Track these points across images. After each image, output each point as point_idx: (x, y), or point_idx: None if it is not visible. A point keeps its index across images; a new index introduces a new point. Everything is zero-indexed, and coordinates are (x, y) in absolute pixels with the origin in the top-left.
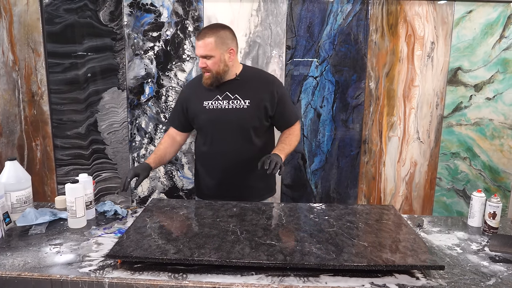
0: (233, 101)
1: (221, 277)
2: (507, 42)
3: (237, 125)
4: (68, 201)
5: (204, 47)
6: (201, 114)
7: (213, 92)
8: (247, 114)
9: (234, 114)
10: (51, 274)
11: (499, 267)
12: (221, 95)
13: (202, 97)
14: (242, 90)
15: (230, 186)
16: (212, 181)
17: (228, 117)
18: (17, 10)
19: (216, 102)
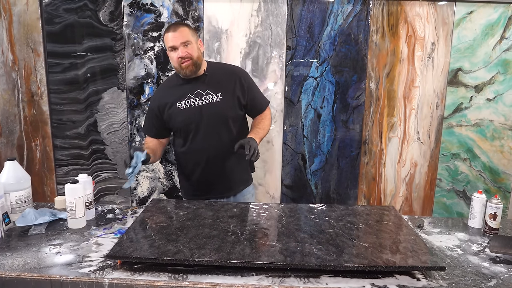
0: (205, 96)
1: (221, 278)
2: (507, 43)
3: (214, 119)
4: (67, 201)
5: (182, 34)
6: (176, 116)
7: (184, 92)
8: (222, 107)
9: (209, 108)
10: (50, 274)
11: (500, 268)
12: (192, 93)
13: (173, 99)
14: (212, 85)
15: (216, 180)
16: (198, 178)
17: (203, 113)
18: (16, 10)
19: (189, 101)
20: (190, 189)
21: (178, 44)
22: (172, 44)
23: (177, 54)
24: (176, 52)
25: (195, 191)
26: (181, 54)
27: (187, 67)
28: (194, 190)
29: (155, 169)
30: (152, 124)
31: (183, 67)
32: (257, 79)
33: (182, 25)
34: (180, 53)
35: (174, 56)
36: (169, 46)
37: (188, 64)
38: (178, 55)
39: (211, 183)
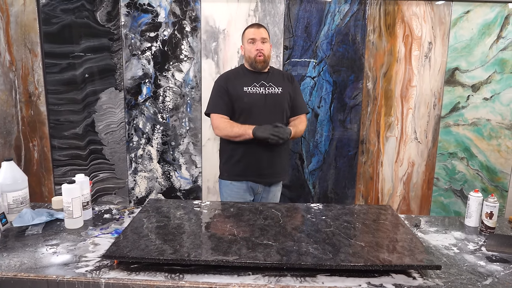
0: (268, 88)
1: (218, 277)
2: (504, 43)
3: (274, 107)
4: (64, 201)
5: (263, 32)
6: (243, 97)
7: (249, 80)
8: (282, 98)
9: (272, 98)
10: (47, 274)
11: (495, 267)
12: (258, 82)
13: (240, 84)
14: (274, 80)
15: (261, 163)
16: (247, 157)
17: (266, 100)
18: (14, 10)
19: (254, 88)
20: (236, 167)
21: (258, 38)
22: (253, 37)
23: (256, 46)
24: (255, 44)
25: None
26: (259, 47)
27: (259, 62)
28: (241, 168)
29: (153, 169)
30: (223, 102)
31: (257, 59)
32: None
33: (263, 26)
34: (259, 46)
35: (253, 47)
36: (250, 38)
37: (261, 58)
38: (257, 47)
39: (258, 163)
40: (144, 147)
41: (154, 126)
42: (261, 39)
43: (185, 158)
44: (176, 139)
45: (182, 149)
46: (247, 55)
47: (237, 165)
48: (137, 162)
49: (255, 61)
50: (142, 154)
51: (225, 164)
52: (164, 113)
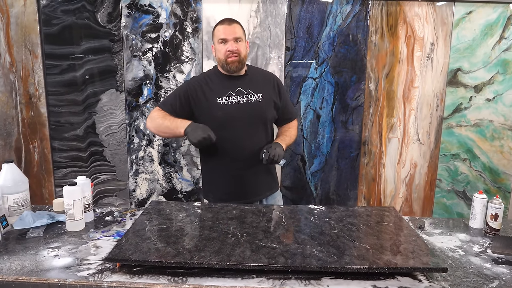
0: (246, 95)
1: (221, 281)
2: (507, 43)
3: (254, 118)
4: (66, 203)
5: (235, 30)
6: (216, 110)
7: (224, 88)
8: (262, 107)
9: (250, 107)
10: (49, 278)
11: (502, 269)
12: (234, 90)
13: (213, 93)
14: (252, 85)
15: (246, 182)
16: (228, 179)
17: (244, 111)
18: (14, 11)
19: (230, 97)
20: (218, 191)
21: (230, 38)
22: (224, 37)
23: (227, 47)
24: (226, 45)
25: (224, 191)
26: (231, 48)
27: (232, 62)
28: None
29: (154, 171)
30: (178, 104)
31: (229, 61)
32: None
33: (236, 22)
34: (230, 47)
35: (223, 48)
36: (220, 38)
37: (235, 60)
38: (228, 48)
39: (242, 183)
40: (145, 148)
41: None
42: (233, 38)
43: (186, 160)
44: (177, 141)
45: (183, 151)
46: (218, 56)
47: (220, 189)
48: (138, 164)
49: (226, 63)
50: (143, 156)
51: (208, 184)
52: None
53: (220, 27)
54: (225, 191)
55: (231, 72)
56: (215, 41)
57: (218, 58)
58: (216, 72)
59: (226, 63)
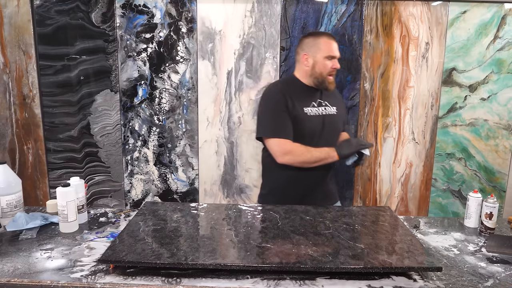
0: (325, 107)
1: (215, 281)
2: (501, 43)
3: (332, 130)
4: (59, 205)
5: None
6: (304, 121)
7: (308, 99)
8: (337, 119)
9: (329, 119)
10: (41, 280)
11: (496, 268)
12: (315, 101)
13: (299, 103)
14: (328, 98)
15: (316, 191)
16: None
17: (325, 122)
18: (7, 12)
19: (313, 108)
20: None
21: (337, 56)
22: (334, 54)
23: (333, 64)
24: (332, 62)
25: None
26: (336, 66)
27: (332, 81)
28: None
29: (149, 172)
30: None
31: (329, 79)
32: (251, 80)
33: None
34: (336, 65)
35: (329, 64)
36: (330, 54)
37: (333, 79)
38: (334, 65)
39: (313, 192)
40: (140, 149)
41: (150, 128)
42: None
43: (181, 160)
44: (173, 141)
45: (178, 151)
46: (319, 70)
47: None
48: (133, 165)
49: (327, 80)
50: (138, 157)
51: (269, 194)
52: (160, 115)
53: (328, 41)
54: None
55: (323, 88)
56: (318, 54)
57: (318, 72)
58: (296, 82)
59: (327, 80)
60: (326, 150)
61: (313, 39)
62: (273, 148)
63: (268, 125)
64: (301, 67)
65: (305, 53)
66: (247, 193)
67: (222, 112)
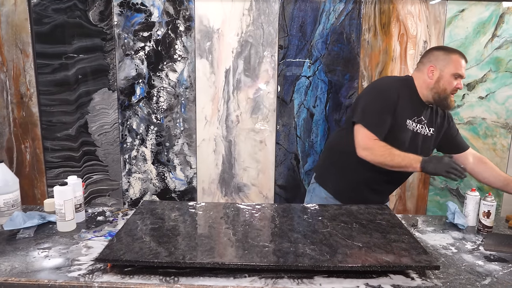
0: (423, 126)
1: (213, 280)
2: (499, 41)
3: (421, 149)
4: (57, 204)
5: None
6: (404, 131)
7: (412, 111)
8: (430, 142)
9: (424, 140)
10: (39, 279)
11: (494, 266)
12: (418, 117)
13: (405, 112)
14: (430, 118)
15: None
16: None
17: (419, 141)
18: (4, 10)
19: (413, 123)
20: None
21: (464, 77)
22: (463, 73)
23: (457, 83)
24: (457, 81)
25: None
26: (461, 87)
27: (452, 101)
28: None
29: (147, 171)
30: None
31: (452, 98)
32: (249, 78)
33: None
34: (461, 85)
35: (454, 83)
36: (458, 72)
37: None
38: (458, 85)
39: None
40: (138, 148)
41: (148, 127)
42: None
43: (179, 159)
44: (171, 140)
45: (176, 150)
46: (443, 86)
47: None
48: (131, 164)
49: (448, 98)
50: (136, 155)
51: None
52: (158, 114)
53: (460, 60)
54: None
55: (442, 106)
56: (447, 70)
57: (442, 87)
58: (413, 90)
59: (447, 100)
60: (410, 158)
61: (444, 53)
62: (358, 137)
63: (368, 114)
64: (422, 77)
65: (432, 64)
66: (245, 191)
67: (220, 111)
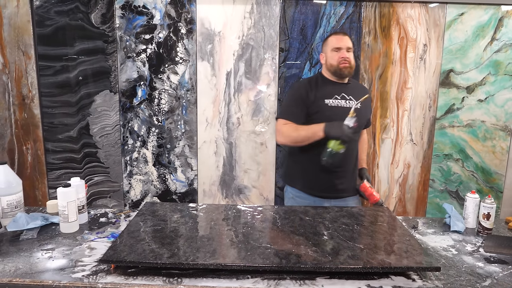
0: (348, 101)
1: (216, 281)
2: (498, 44)
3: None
4: (60, 205)
5: (347, 41)
6: (324, 111)
7: (331, 92)
8: (361, 114)
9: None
10: (43, 280)
11: (494, 268)
12: (339, 94)
13: (321, 95)
14: (354, 93)
15: (334, 179)
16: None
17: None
18: (7, 12)
19: (336, 100)
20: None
21: (343, 47)
22: (338, 46)
23: (340, 54)
24: (339, 53)
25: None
26: (345, 55)
27: (345, 68)
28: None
29: (148, 172)
30: (299, 110)
31: (342, 67)
32: (250, 81)
33: (347, 35)
34: (343, 54)
35: (336, 55)
36: (335, 46)
37: (347, 66)
38: (342, 55)
39: (329, 180)
40: (139, 150)
41: (150, 129)
42: (346, 48)
43: (180, 161)
44: (172, 142)
45: (177, 152)
46: (329, 62)
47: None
48: (132, 165)
49: (339, 68)
50: (137, 157)
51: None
52: (159, 116)
53: (334, 37)
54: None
55: (342, 77)
56: (328, 49)
57: (330, 64)
58: (321, 78)
59: (339, 69)
60: (314, 128)
61: (324, 41)
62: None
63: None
64: (323, 66)
65: (321, 53)
66: (246, 193)
67: (221, 113)
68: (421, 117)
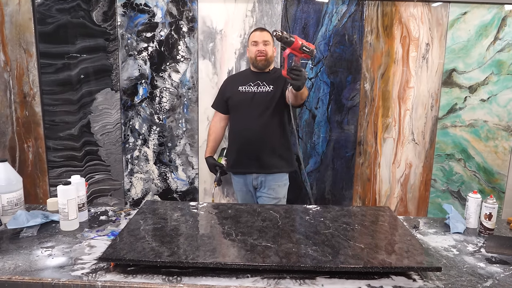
0: (261, 86)
1: (216, 280)
2: (501, 44)
3: (259, 105)
4: (60, 203)
5: (265, 35)
6: (236, 95)
7: (247, 80)
8: (270, 96)
9: (260, 96)
10: (42, 277)
11: (495, 268)
12: (253, 82)
13: (237, 84)
14: (269, 79)
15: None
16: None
17: (254, 98)
18: (8, 10)
19: (248, 87)
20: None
21: (260, 41)
22: (256, 40)
23: (257, 47)
24: (257, 46)
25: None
26: (260, 48)
27: (260, 60)
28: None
29: (149, 171)
30: (219, 99)
31: (258, 59)
32: None
33: (267, 30)
34: (260, 48)
35: (254, 49)
36: (253, 40)
37: (262, 58)
38: (258, 48)
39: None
40: (140, 148)
41: (151, 127)
42: (263, 41)
43: (181, 159)
44: (173, 140)
45: (178, 150)
46: (249, 55)
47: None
48: (133, 164)
49: (255, 60)
50: (138, 155)
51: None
52: (160, 114)
53: (254, 33)
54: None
55: (259, 68)
56: (249, 44)
57: (250, 57)
58: (248, 70)
59: (256, 61)
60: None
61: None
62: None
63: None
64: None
65: (247, 47)
66: None
67: None
68: (423, 117)
